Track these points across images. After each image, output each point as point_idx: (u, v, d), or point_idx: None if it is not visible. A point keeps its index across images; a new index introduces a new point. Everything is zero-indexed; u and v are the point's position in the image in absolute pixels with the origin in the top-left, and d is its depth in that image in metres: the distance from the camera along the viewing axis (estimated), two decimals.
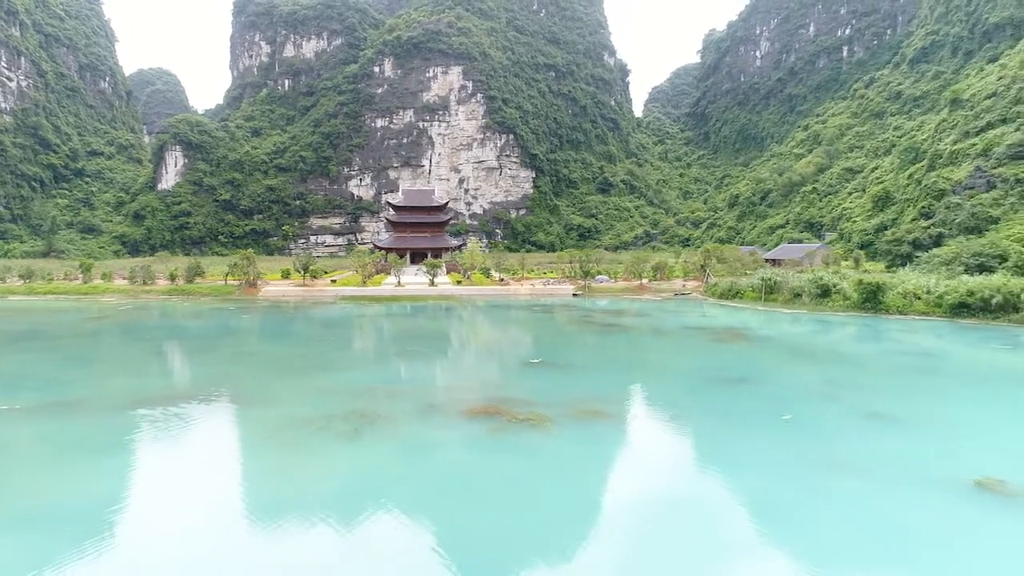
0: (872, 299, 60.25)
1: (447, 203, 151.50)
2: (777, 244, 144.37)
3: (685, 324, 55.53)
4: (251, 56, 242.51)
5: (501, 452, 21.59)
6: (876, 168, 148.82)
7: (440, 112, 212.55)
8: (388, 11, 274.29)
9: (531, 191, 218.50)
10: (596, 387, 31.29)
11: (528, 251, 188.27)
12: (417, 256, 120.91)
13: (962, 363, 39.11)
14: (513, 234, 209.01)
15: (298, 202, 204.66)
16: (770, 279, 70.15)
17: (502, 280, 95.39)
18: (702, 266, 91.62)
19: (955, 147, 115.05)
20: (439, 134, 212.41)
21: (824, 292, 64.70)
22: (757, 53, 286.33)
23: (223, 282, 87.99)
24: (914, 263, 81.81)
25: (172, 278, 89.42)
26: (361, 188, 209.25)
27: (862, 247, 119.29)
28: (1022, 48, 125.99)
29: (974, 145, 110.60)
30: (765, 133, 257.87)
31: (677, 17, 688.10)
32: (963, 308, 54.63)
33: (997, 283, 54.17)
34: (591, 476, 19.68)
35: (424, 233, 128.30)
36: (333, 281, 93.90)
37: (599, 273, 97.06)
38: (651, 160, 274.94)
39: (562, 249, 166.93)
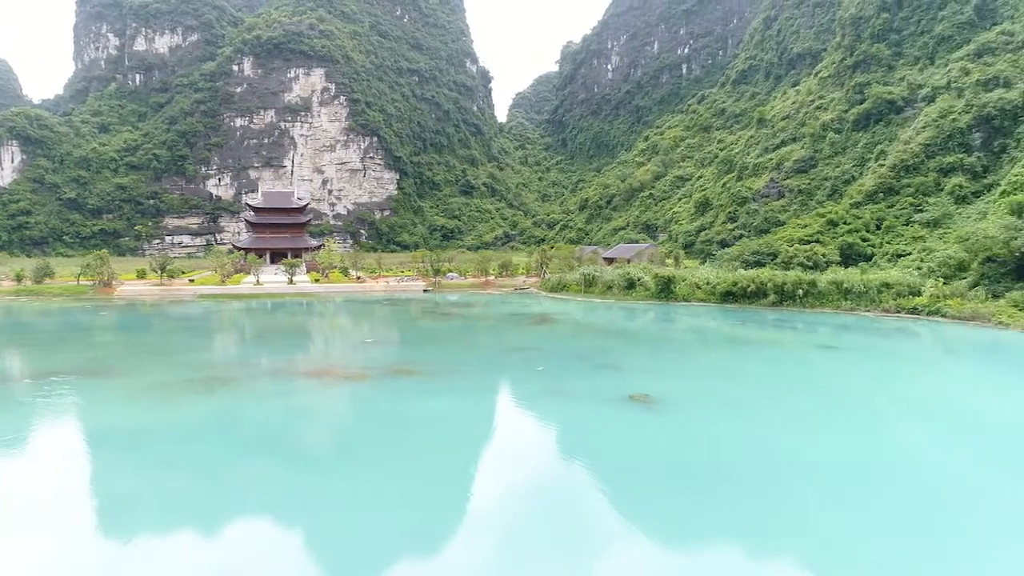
0: (666, 289, 73.00)
1: (307, 204, 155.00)
2: (619, 244, 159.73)
3: (510, 312, 65.34)
4: (97, 48, 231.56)
5: (324, 396, 29.59)
6: (701, 177, 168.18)
7: (302, 113, 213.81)
8: (248, 8, 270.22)
9: (395, 193, 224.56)
10: (413, 356, 39.84)
11: (392, 251, 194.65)
12: (277, 256, 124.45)
13: (699, 333, 51.28)
14: (378, 235, 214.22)
15: (152, 201, 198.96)
16: (589, 274, 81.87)
17: (359, 278, 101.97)
18: (540, 264, 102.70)
19: (757, 160, 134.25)
20: (301, 135, 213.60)
21: (630, 284, 77.00)
22: (609, 66, 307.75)
23: (76, 282, 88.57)
24: (712, 259, 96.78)
25: (19, 279, 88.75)
26: (220, 188, 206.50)
27: (686, 247, 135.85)
28: (811, 78, 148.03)
29: (771, 159, 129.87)
30: (616, 141, 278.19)
31: (542, 25, 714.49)
32: (729, 295, 68.13)
33: (751, 275, 68.12)
34: (386, 405, 28.07)
35: (284, 234, 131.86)
36: (191, 281, 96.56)
37: (450, 271, 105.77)
38: (512, 164, 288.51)
39: (428, 249, 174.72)
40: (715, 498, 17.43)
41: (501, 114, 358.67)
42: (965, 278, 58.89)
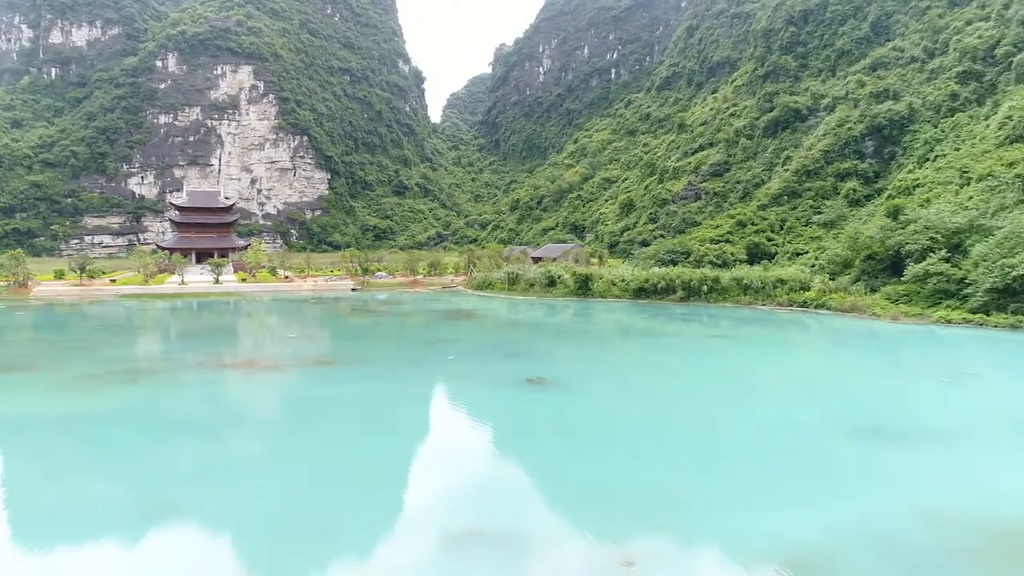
0: (584, 286, 76.86)
1: (233, 204, 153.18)
2: (547, 244, 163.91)
3: (434, 308, 67.85)
4: (9, 40, 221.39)
5: (243, 383, 31.59)
6: (626, 179, 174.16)
7: (230, 111, 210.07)
8: (172, 3, 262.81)
9: (326, 192, 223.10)
10: (335, 348, 42.03)
11: (324, 251, 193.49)
12: (203, 256, 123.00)
13: (607, 325, 55.08)
14: (309, 235, 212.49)
15: (70, 200, 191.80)
16: (513, 273, 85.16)
17: (287, 278, 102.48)
18: (468, 263, 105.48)
19: (677, 164, 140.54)
20: (229, 133, 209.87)
21: (551, 282, 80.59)
22: (540, 69, 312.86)
23: None
24: (631, 258, 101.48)
25: None
26: (143, 187, 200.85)
27: (611, 247, 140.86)
28: (728, 86, 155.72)
29: (690, 163, 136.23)
30: (547, 143, 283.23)
31: (475, 26, 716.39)
32: (641, 292, 72.42)
33: (662, 273, 72.69)
34: (303, 390, 30.29)
35: (210, 234, 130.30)
36: (113, 281, 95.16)
37: (379, 270, 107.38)
38: (445, 164, 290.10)
39: (360, 249, 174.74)
40: (588, 455, 20.52)
41: (435, 115, 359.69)
42: (849, 274, 64.64)
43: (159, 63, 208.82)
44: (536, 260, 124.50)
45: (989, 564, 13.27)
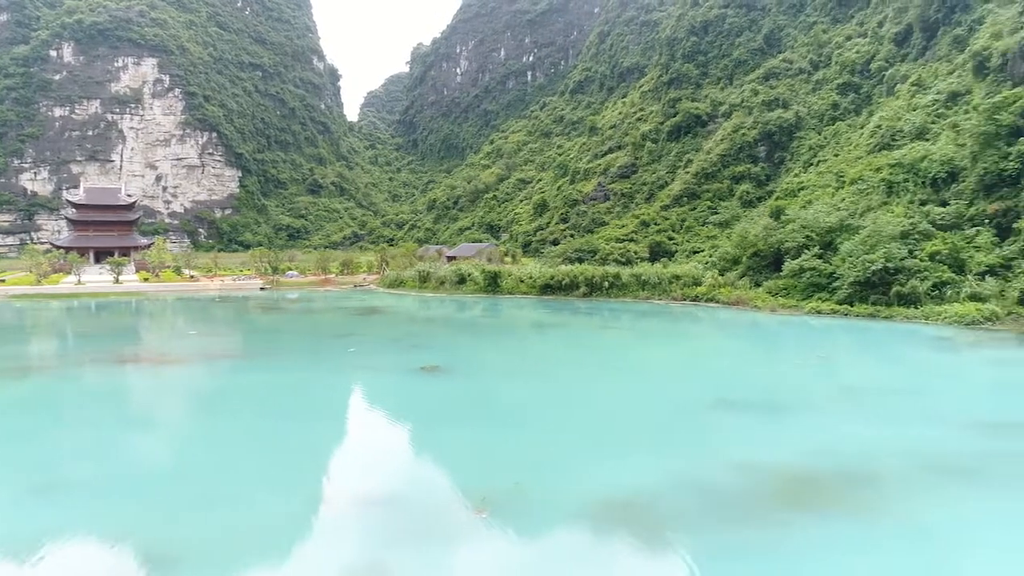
0: (492, 284, 79.04)
1: (136, 201, 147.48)
2: (463, 244, 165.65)
3: (343, 306, 68.43)
4: None
5: (138, 376, 31.91)
6: (540, 180, 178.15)
7: (132, 105, 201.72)
8: None
9: (237, 191, 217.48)
10: (236, 344, 42.45)
11: (235, 251, 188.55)
12: (103, 255, 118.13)
13: (509, 319, 57.41)
14: (218, 234, 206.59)
15: None
16: (424, 271, 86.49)
17: (193, 277, 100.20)
18: (381, 262, 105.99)
19: (588, 166, 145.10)
20: (132, 128, 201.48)
21: (461, 280, 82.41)
22: (458, 70, 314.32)
23: None
24: (541, 256, 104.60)
25: None
26: (37, 183, 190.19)
27: (525, 246, 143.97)
28: (636, 91, 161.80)
29: (600, 165, 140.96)
30: (465, 144, 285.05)
31: (393, 24, 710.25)
32: (548, 288, 75.21)
33: (567, 270, 75.77)
34: (199, 382, 30.95)
35: (110, 232, 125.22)
36: (1, 281, 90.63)
37: (290, 269, 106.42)
38: (362, 164, 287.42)
39: (273, 249, 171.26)
40: (467, 429, 22.42)
41: (352, 113, 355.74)
42: (736, 270, 69.37)
43: (53, 53, 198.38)
44: (451, 259, 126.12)
45: (775, 499, 15.97)
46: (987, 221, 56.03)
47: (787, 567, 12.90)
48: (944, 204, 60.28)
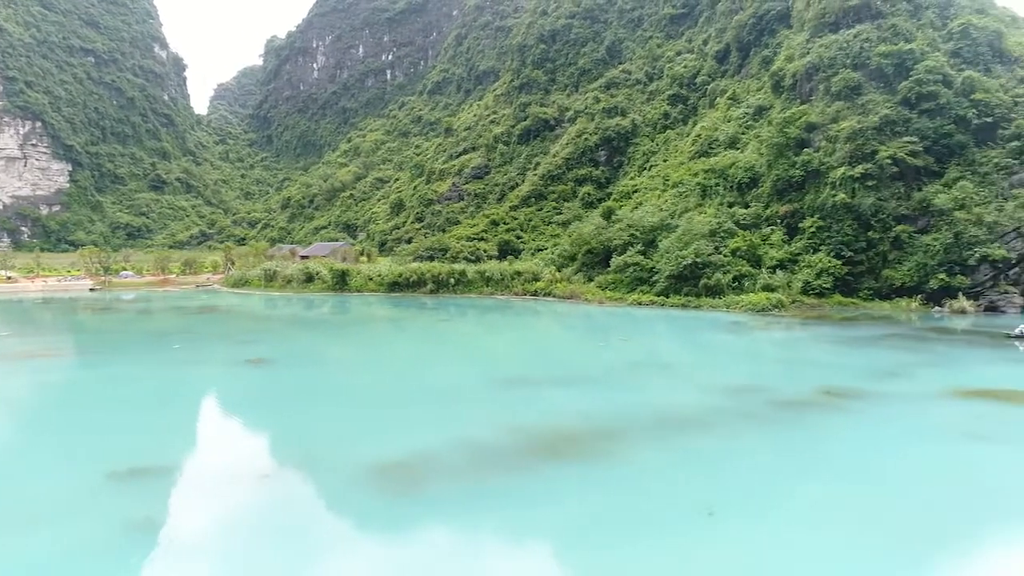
0: (341, 282, 79.23)
1: None
2: (318, 243, 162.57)
3: (180, 306, 66.24)
4: None
5: None
6: (398, 179, 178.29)
7: None
8: None
9: (67, 186, 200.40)
10: (56, 343, 40.68)
11: (65, 251, 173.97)
12: None
13: (349, 315, 58.42)
14: (45, 232, 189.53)
15: None
16: (270, 269, 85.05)
17: (10, 278, 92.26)
18: (227, 261, 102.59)
19: (443, 166, 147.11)
20: None
21: (309, 278, 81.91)
22: (315, 65, 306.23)
23: None
24: (393, 254, 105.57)
25: None
26: None
27: (381, 245, 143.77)
28: (490, 94, 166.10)
29: (455, 165, 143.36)
30: (323, 141, 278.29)
31: (245, 15, 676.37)
32: (395, 285, 76.58)
33: (414, 268, 77.61)
34: (49, 375, 29.86)
35: None
36: None
37: (125, 269, 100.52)
38: (211, 159, 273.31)
39: (112, 249, 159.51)
40: (278, 411, 23.70)
41: (201, 106, 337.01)
42: (572, 266, 74.19)
43: None
44: (304, 259, 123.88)
45: (535, 452, 18.71)
46: (779, 221, 63.94)
47: (530, 499, 15.47)
48: (746, 206, 67.94)
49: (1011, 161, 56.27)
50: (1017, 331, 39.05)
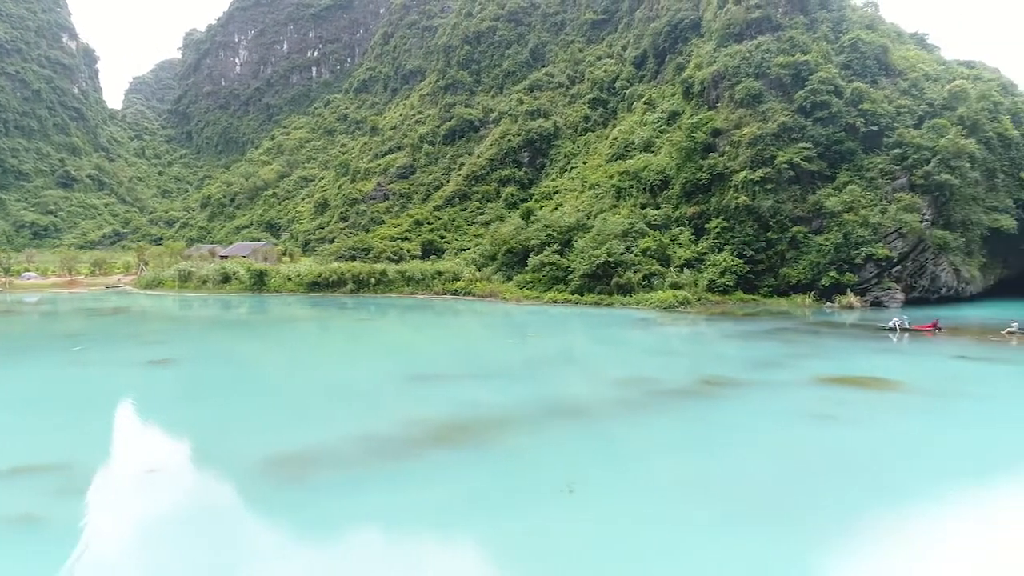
0: (259, 282, 78.13)
1: None
2: (239, 243, 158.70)
3: (86, 308, 64.05)
4: None
5: None
6: (322, 178, 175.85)
7: None
8: None
9: None
10: None
11: None
12: None
13: (262, 315, 58.08)
14: None
15: None
16: (184, 270, 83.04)
17: None
18: (139, 262, 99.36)
19: (369, 165, 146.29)
20: None
21: (226, 279, 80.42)
22: (237, 60, 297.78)
23: None
24: (315, 254, 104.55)
25: None
26: None
27: (305, 245, 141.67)
28: (416, 94, 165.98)
29: (380, 165, 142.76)
30: (246, 138, 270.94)
31: (161, 5, 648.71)
32: (315, 285, 76.09)
33: (334, 268, 77.34)
34: None
35: None
36: None
37: (27, 270, 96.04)
38: (126, 155, 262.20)
39: (15, 250, 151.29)
40: (179, 407, 23.93)
41: (115, 100, 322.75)
42: (492, 266, 75.49)
43: None
44: (224, 259, 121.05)
45: (424, 441, 19.74)
46: (687, 222, 67.00)
47: (409, 483, 16.43)
48: (658, 207, 70.80)
49: (893, 167, 60.75)
50: (890, 324, 42.62)
